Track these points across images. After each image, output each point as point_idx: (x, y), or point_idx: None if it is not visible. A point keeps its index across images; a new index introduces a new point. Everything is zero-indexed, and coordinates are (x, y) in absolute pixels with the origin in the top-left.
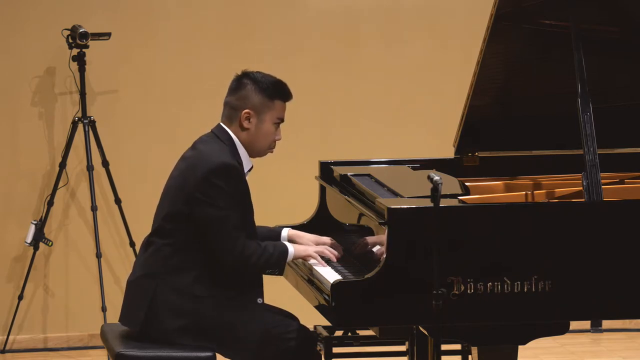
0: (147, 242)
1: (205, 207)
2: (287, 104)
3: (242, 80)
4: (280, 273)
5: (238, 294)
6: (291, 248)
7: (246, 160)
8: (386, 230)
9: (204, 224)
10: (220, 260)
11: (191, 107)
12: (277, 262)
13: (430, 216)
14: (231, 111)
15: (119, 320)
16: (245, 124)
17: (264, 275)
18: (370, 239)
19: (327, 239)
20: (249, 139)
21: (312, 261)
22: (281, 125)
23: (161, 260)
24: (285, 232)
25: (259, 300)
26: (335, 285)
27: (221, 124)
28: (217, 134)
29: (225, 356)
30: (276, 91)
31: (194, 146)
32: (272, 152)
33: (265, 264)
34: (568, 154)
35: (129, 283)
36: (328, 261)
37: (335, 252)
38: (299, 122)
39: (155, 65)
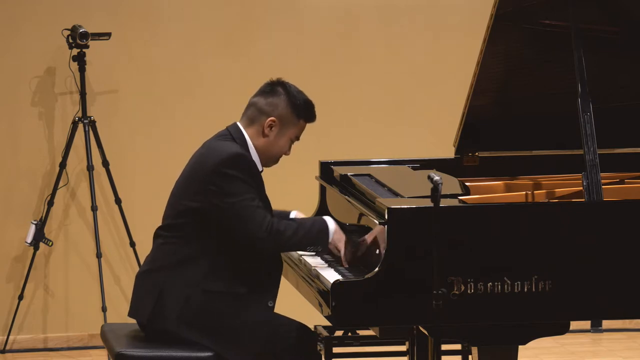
0: (156, 235)
1: (224, 197)
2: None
3: (277, 88)
4: (325, 250)
5: (249, 292)
6: (332, 226)
7: (257, 163)
8: (386, 230)
9: (227, 213)
10: (254, 241)
11: (191, 107)
12: (318, 236)
13: (430, 216)
14: (256, 113)
15: (129, 314)
16: (267, 131)
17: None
18: (368, 238)
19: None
20: (264, 146)
21: (310, 261)
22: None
23: (169, 254)
24: (293, 214)
25: (270, 304)
26: (335, 285)
27: (238, 124)
28: (232, 132)
29: (226, 356)
30: (305, 111)
31: (206, 143)
32: (276, 164)
33: (303, 239)
34: (568, 154)
35: (137, 276)
36: (329, 262)
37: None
38: None
39: (155, 65)
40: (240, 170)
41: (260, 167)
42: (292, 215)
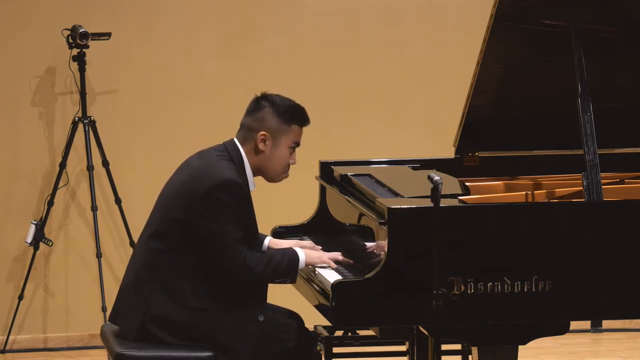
0: (143, 244)
1: (208, 221)
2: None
3: (260, 102)
4: (293, 281)
5: (237, 307)
6: (302, 255)
7: (251, 181)
8: (386, 231)
9: (207, 237)
10: (225, 272)
11: (191, 107)
12: (287, 270)
13: (430, 216)
14: (247, 132)
15: (110, 320)
16: (261, 146)
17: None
18: (379, 244)
19: (308, 243)
20: (264, 162)
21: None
22: (297, 148)
23: (156, 266)
24: (267, 241)
25: (260, 318)
26: (336, 285)
27: (235, 140)
28: (229, 149)
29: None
30: (294, 115)
31: (202, 156)
32: (287, 176)
33: (273, 273)
34: (568, 154)
35: (123, 287)
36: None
37: (350, 260)
38: None
39: (155, 65)
40: (231, 196)
41: (252, 186)
42: (266, 242)
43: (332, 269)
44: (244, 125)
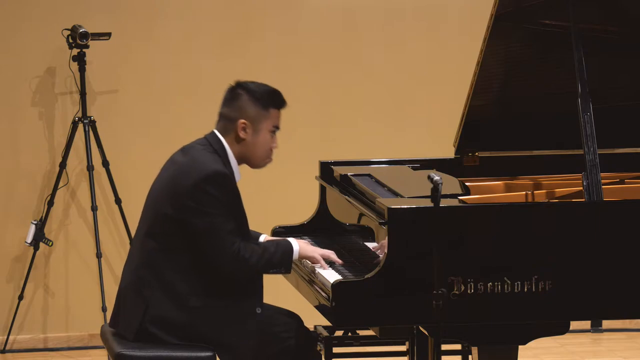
0: (138, 244)
1: (199, 215)
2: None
3: (236, 91)
4: (287, 271)
5: (235, 302)
6: (296, 246)
7: (236, 172)
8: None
9: (199, 231)
10: (219, 265)
11: (191, 107)
12: (282, 260)
13: (430, 216)
14: (226, 122)
15: (110, 325)
16: (242, 134)
17: (265, 276)
18: (383, 244)
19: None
20: (247, 149)
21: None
22: (277, 132)
23: (153, 265)
24: (262, 239)
25: (258, 310)
26: (336, 285)
27: (215, 131)
28: (211, 142)
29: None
30: (271, 100)
31: (186, 151)
32: (270, 161)
33: (267, 264)
34: (568, 154)
35: (122, 288)
36: (329, 262)
37: (339, 260)
38: (299, 122)
39: (155, 65)
40: (219, 188)
41: (238, 177)
42: (261, 239)
43: (326, 269)
44: (223, 116)
